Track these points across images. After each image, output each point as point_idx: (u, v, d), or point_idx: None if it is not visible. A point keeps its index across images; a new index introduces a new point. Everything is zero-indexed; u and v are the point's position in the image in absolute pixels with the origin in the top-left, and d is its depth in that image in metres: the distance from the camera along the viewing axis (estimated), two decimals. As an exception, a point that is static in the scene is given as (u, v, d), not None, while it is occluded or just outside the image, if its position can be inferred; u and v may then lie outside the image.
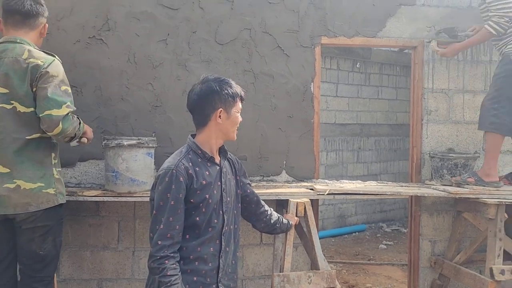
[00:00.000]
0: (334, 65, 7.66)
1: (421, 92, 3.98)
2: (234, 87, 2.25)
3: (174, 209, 2.08)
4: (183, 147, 2.25)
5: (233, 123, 2.25)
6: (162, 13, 3.61)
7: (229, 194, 2.29)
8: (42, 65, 2.54)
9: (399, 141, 8.46)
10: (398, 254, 6.43)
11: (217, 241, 2.21)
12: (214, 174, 2.22)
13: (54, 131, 2.52)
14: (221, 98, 2.20)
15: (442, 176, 3.72)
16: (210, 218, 2.18)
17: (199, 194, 2.14)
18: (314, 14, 3.80)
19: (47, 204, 2.59)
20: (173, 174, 2.08)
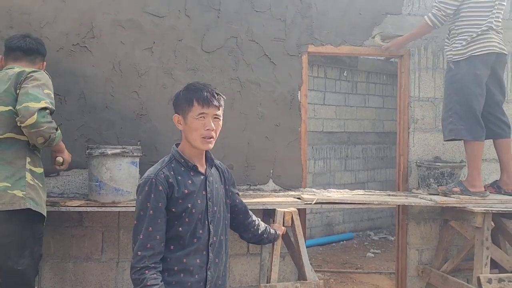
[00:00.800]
0: (322, 74, 7.67)
1: (407, 101, 3.98)
2: (193, 90, 2.11)
3: (153, 219, 2.02)
4: (166, 156, 2.19)
5: (190, 129, 2.09)
6: (148, 21, 3.58)
7: (216, 204, 2.20)
8: (28, 71, 2.60)
9: (386, 149, 8.49)
10: (386, 263, 6.42)
11: (204, 252, 2.14)
12: (198, 183, 2.14)
13: (28, 121, 2.44)
14: (176, 103, 2.15)
15: (429, 185, 3.72)
16: (195, 228, 2.11)
17: (181, 203, 2.07)
18: (301, 22, 3.80)
19: (10, 205, 2.47)
20: (152, 183, 2.04)
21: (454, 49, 3.57)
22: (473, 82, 3.49)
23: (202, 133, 2.09)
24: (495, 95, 3.61)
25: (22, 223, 2.52)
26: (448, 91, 3.61)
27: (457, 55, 3.55)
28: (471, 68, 3.49)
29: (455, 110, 3.52)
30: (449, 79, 3.62)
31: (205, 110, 2.08)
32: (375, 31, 3.91)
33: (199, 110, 2.08)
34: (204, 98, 2.08)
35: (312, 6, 3.82)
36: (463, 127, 3.48)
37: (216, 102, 2.11)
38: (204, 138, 2.10)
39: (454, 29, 3.61)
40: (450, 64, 3.61)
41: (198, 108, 2.07)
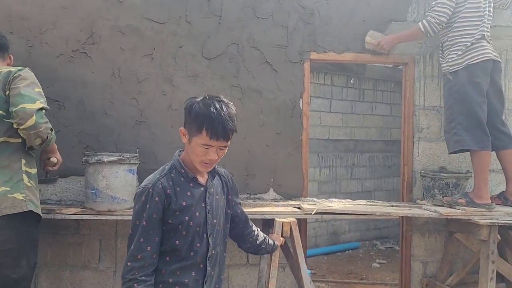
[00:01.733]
0: (328, 81, 7.60)
1: (412, 109, 3.91)
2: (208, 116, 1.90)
3: (146, 230, 1.95)
4: (167, 164, 2.09)
5: (193, 152, 1.98)
6: (148, 27, 3.54)
7: (216, 216, 2.11)
8: (15, 71, 2.56)
9: (393, 157, 8.38)
10: (391, 274, 6.30)
11: (201, 265, 2.07)
12: (197, 196, 2.05)
13: (27, 123, 2.42)
14: (187, 117, 1.99)
15: (434, 196, 3.63)
16: (192, 242, 2.03)
17: (178, 215, 1.99)
18: (303, 29, 3.74)
19: (12, 209, 2.44)
20: (149, 193, 1.96)
21: (450, 60, 3.52)
22: (474, 90, 3.42)
23: (203, 160, 1.98)
24: (493, 104, 3.53)
25: (20, 229, 2.48)
26: (449, 103, 3.53)
27: (454, 66, 3.49)
28: (470, 77, 3.43)
29: (458, 121, 3.44)
30: (448, 90, 3.55)
31: (211, 143, 1.93)
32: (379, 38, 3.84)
33: (206, 141, 1.93)
34: (214, 131, 1.90)
35: (315, 12, 3.76)
36: (469, 137, 3.40)
37: (226, 136, 1.94)
38: (204, 163, 1.99)
39: (447, 41, 3.56)
40: (448, 75, 3.54)
41: (206, 138, 1.92)
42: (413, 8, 3.92)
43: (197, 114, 1.93)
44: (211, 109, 1.92)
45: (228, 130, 1.93)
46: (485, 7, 3.51)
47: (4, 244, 2.44)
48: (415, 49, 3.90)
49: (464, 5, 3.49)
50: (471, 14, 3.47)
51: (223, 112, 1.92)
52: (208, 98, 1.97)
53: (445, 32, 3.57)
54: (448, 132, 3.54)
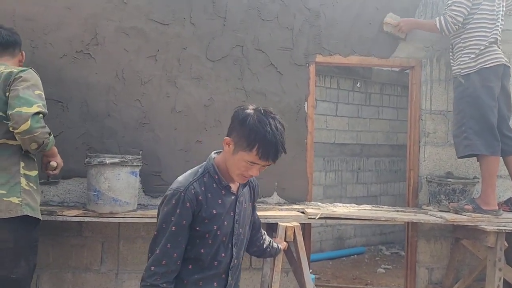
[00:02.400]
0: (334, 84, 7.56)
1: (418, 113, 3.86)
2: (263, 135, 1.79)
3: (174, 236, 1.86)
4: (200, 167, 1.98)
5: (234, 165, 1.88)
6: (152, 28, 3.53)
7: (242, 225, 2.03)
8: (16, 72, 2.53)
9: (399, 162, 8.30)
10: (397, 279, 6.23)
11: (223, 275, 2.00)
12: (228, 204, 1.96)
13: (22, 127, 2.37)
14: (239, 131, 1.85)
15: (440, 202, 3.58)
16: (217, 251, 1.95)
17: (206, 223, 1.90)
18: (308, 31, 3.71)
19: (8, 213, 2.41)
20: (181, 198, 1.86)
21: (462, 63, 3.46)
22: (486, 94, 3.37)
23: (243, 174, 1.89)
24: (501, 109, 3.47)
25: (18, 230, 2.46)
26: (460, 106, 3.47)
27: (466, 69, 3.43)
28: (483, 81, 3.38)
29: (469, 125, 3.38)
30: (459, 94, 3.49)
31: (259, 162, 1.84)
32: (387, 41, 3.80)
33: (254, 160, 1.83)
34: (266, 153, 1.81)
35: (321, 15, 3.73)
36: (479, 142, 3.34)
37: (276, 159, 1.85)
38: (243, 175, 1.90)
39: (460, 43, 3.50)
40: (459, 78, 3.48)
41: (255, 157, 1.82)
42: (420, 11, 3.88)
43: (251, 131, 1.81)
44: (267, 128, 1.80)
45: (280, 154, 1.85)
46: (498, 10, 3.45)
47: (1, 244, 2.42)
48: (421, 53, 3.86)
49: (478, 7, 3.44)
50: (485, 17, 3.42)
51: (277, 133, 1.82)
52: (263, 113, 1.84)
53: (457, 33, 3.51)
54: (458, 136, 3.47)
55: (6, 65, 2.63)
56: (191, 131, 3.56)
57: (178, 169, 3.55)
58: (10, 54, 2.72)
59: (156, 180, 3.51)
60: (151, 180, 3.51)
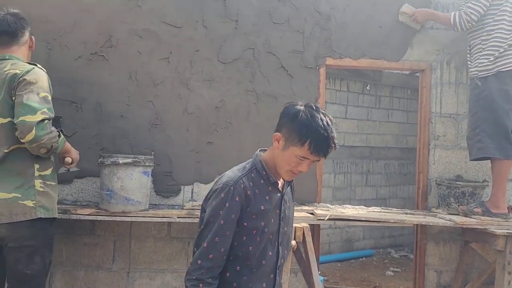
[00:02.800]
0: (344, 87, 7.57)
1: (428, 116, 3.87)
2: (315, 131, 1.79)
3: (222, 230, 1.84)
4: (247, 163, 1.98)
5: (284, 160, 1.87)
6: (165, 31, 3.58)
7: (287, 224, 2.03)
8: (20, 74, 2.48)
9: (409, 165, 8.29)
10: (405, 282, 6.22)
11: (271, 275, 1.98)
12: (274, 201, 1.95)
13: (27, 137, 2.39)
14: (290, 126, 1.85)
15: (449, 205, 3.59)
16: (265, 249, 1.93)
17: (254, 219, 1.88)
18: (319, 35, 3.74)
19: (22, 216, 2.46)
20: (230, 192, 1.85)
21: (480, 65, 3.44)
22: (502, 98, 3.36)
23: (293, 170, 1.89)
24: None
25: (34, 227, 2.51)
26: (475, 109, 3.47)
27: (484, 71, 3.42)
28: (500, 84, 3.36)
29: (483, 128, 3.38)
30: (475, 96, 3.48)
31: (310, 157, 1.84)
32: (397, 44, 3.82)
33: (305, 155, 1.83)
34: (318, 148, 1.81)
35: (332, 18, 3.76)
36: (493, 145, 3.34)
37: (327, 154, 1.85)
38: (292, 172, 1.90)
39: (479, 44, 3.48)
40: (476, 80, 3.47)
41: (306, 152, 1.82)
42: (431, 14, 3.89)
43: (303, 125, 1.82)
44: (319, 123, 1.81)
45: (331, 149, 1.84)
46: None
47: (19, 240, 2.48)
48: (432, 56, 3.88)
49: (499, 8, 3.42)
50: (505, 18, 3.40)
51: (329, 128, 1.82)
52: (314, 109, 1.86)
53: (476, 34, 3.49)
54: (471, 139, 3.47)
55: (12, 58, 2.58)
56: (202, 132, 3.61)
57: (189, 169, 3.64)
58: (18, 43, 2.64)
59: (168, 180, 3.56)
60: (163, 180, 3.56)
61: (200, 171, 3.61)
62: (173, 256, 3.60)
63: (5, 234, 2.47)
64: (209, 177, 3.61)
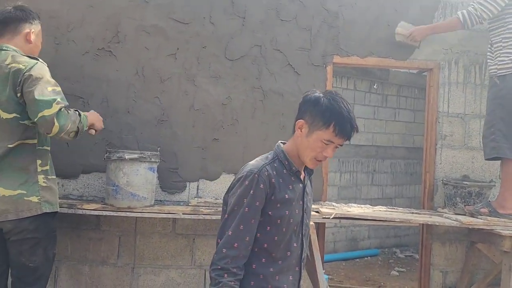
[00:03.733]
0: (351, 86, 7.56)
1: (435, 116, 3.85)
2: (338, 113, 1.82)
3: (247, 217, 1.82)
4: (269, 153, 1.97)
5: (309, 146, 1.86)
6: (173, 27, 3.58)
7: (309, 216, 2.02)
8: (24, 69, 2.46)
9: (415, 164, 8.27)
10: (410, 282, 6.21)
11: (297, 268, 1.96)
12: (297, 192, 1.93)
13: (53, 130, 2.41)
14: (312, 111, 1.86)
15: (455, 204, 3.57)
16: (290, 240, 1.91)
17: (279, 208, 1.87)
18: (326, 32, 3.73)
19: (28, 212, 2.48)
20: (254, 179, 1.84)
21: (500, 62, 3.37)
22: None
23: (317, 156, 1.88)
24: None
25: (36, 221, 2.52)
26: (492, 107, 3.41)
27: (504, 69, 3.35)
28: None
29: (498, 127, 3.33)
30: (493, 94, 3.42)
31: (335, 140, 1.84)
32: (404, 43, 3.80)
33: (330, 137, 1.84)
34: (343, 129, 1.82)
35: (339, 16, 3.75)
36: (507, 145, 3.29)
37: (351, 136, 1.87)
38: (316, 159, 1.89)
39: (500, 42, 3.40)
40: (495, 79, 3.40)
41: (331, 135, 1.83)
42: (439, 13, 3.86)
43: (327, 109, 1.83)
44: (342, 105, 1.84)
45: (354, 131, 1.86)
46: None
47: (22, 233, 2.49)
48: (440, 55, 3.85)
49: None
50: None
51: (351, 110, 1.86)
52: (334, 94, 1.90)
53: (498, 32, 3.42)
54: (486, 137, 3.42)
55: (9, 49, 2.54)
56: (209, 129, 3.61)
57: (195, 166, 3.64)
58: (11, 31, 2.59)
59: (173, 177, 3.56)
60: (168, 176, 3.56)
61: (206, 168, 3.61)
62: (178, 252, 3.60)
63: (9, 228, 2.48)
64: (215, 174, 3.61)
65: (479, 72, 3.89)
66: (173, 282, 3.58)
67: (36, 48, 2.73)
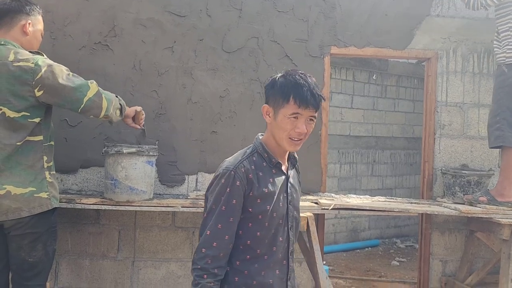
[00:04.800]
0: (350, 76, 7.54)
1: (434, 106, 3.84)
2: (293, 85, 1.79)
3: (225, 216, 1.79)
4: (248, 147, 1.93)
5: (279, 127, 1.82)
6: (169, 20, 3.56)
7: (296, 208, 1.96)
8: (37, 68, 2.44)
9: (415, 155, 8.26)
10: (411, 272, 6.23)
11: (284, 261, 1.92)
12: (279, 184, 1.88)
13: (103, 109, 2.56)
14: (270, 92, 1.85)
15: (454, 194, 3.57)
16: (275, 235, 1.86)
17: (259, 203, 1.82)
18: (324, 23, 3.71)
19: (39, 208, 2.50)
20: (230, 176, 1.80)
21: (508, 51, 3.34)
22: None
23: (291, 134, 1.82)
24: None
25: (36, 216, 2.53)
26: (498, 96, 3.39)
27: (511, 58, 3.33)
28: None
29: (503, 116, 3.32)
30: (500, 83, 3.40)
31: (300, 111, 1.79)
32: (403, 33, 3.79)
33: (294, 110, 1.79)
34: (303, 97, 1.78)
35: (336, 6, 3.73)
36: (511, 134, 3.29)
37: (315, 103, 1.80)
38: (291, 139, 1.83)
39: (508, 30, 3.37)
40: (503, 67, 3.37)
41: (294, 107, 1.79)
42: (437, 2, 3.85)
43: (282, 85, 1.82)
44: (296, 77, 1.82)
45: (317, 96, 1.80)
46: None
47: (22, 228, 2.50)
48: (438, 44, 3.84)
49: None
50: None
51: (308, 79, 1.82)
52: (290, 71, 1.87)
53: (505, 20, 3.38)
54: (491, 126, 3.41)
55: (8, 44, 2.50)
56: (207, 121, 3.61)
57: (193, 159, 3.64)
58: (6, 24, 2.54)
59: (172, 170, 3.56)
60: (167, 169, 3.56)
61: (205, 161, 3.61)
62: (177, 245, 3.61)
63: (10, 224, 2.49)
64: (213, 167, 3.60)
65: (478, 61, 3.88)
66: (174, 275, 3.60)
67: (34, 40, 2.67)
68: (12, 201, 2.44)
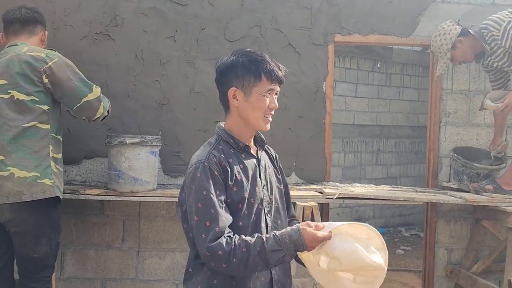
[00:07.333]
0: (354, 65, 7.47)
1: (439, 93, 3.80)
2: (258, 61, 1.77)
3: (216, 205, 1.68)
4: (212, 138, 1.87)
5: (254, 107, 1.77)
6: (171, 9, 3.53)
7: (272, 192, 1.88)
8: (49, 57, 2.61)
9: (420, 143, 8.21)
10: (416, 260, 6.22)
11: None
12: (250, 168, 1.82)
13: (97, 113, 2.70)
14: (237, 74, 1.78)
15: (461, 181, 3.53)
16: (257, 222, 1.79)
17: (235, 191, 1.75)
18: (327, 10, 3.67)
19: (42, 194, 2.50)
20: (206, 167, 1.71)
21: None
22: None
23: (266, 112, 1.79)
24: None
25: (37, 211, 2.54)
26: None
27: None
28: None
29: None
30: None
31: (273, 86, 1.77)
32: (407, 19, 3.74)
33: (268, 86, 1.76)
34: (274, 72, 1.76)
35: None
36: None
37: (282, 78, 1.80)
38: (266, 117, 1.80)
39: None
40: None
41: (267, 83, 1.76)
42: (442, -11, 3.79)
43: (248, 63, 1.77)
44: (256, 54, 1.80)
45: (283, 70, 1.81)
46: None
47: (22, 225, 2.50)
48: (443, 31, 3.78)
49: None
50: None
51: (265, 55, 1.82)
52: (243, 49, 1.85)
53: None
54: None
55: (25, 44, 2.68)
56: (210, 111, 3.58)
57: (196, 149, 3.58)
58: (29, 32, 2.75)
59: (175, 160, 3.55)
60: (171, 160, 3.55)
61: (208, 151, 3.59)
62: (182, 235, 3.60)
63: (7, 218, 2.48)
64: (217, 157, 3.60)
65: (483, 48, 3.82)
66: (178, 265, 3.60)
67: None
68: (15, 184, 2.45)
